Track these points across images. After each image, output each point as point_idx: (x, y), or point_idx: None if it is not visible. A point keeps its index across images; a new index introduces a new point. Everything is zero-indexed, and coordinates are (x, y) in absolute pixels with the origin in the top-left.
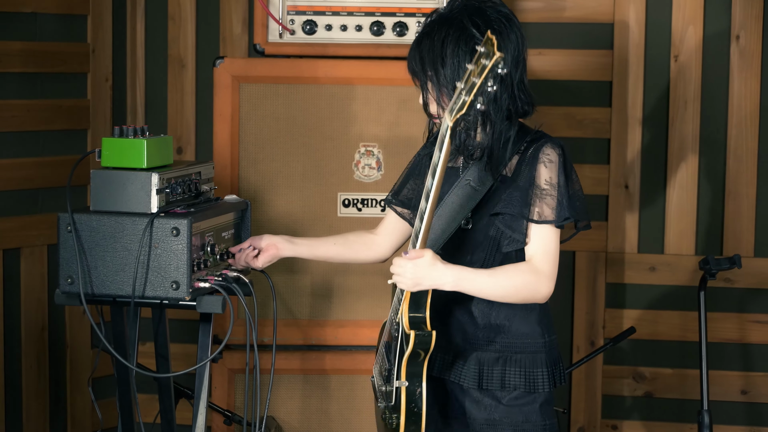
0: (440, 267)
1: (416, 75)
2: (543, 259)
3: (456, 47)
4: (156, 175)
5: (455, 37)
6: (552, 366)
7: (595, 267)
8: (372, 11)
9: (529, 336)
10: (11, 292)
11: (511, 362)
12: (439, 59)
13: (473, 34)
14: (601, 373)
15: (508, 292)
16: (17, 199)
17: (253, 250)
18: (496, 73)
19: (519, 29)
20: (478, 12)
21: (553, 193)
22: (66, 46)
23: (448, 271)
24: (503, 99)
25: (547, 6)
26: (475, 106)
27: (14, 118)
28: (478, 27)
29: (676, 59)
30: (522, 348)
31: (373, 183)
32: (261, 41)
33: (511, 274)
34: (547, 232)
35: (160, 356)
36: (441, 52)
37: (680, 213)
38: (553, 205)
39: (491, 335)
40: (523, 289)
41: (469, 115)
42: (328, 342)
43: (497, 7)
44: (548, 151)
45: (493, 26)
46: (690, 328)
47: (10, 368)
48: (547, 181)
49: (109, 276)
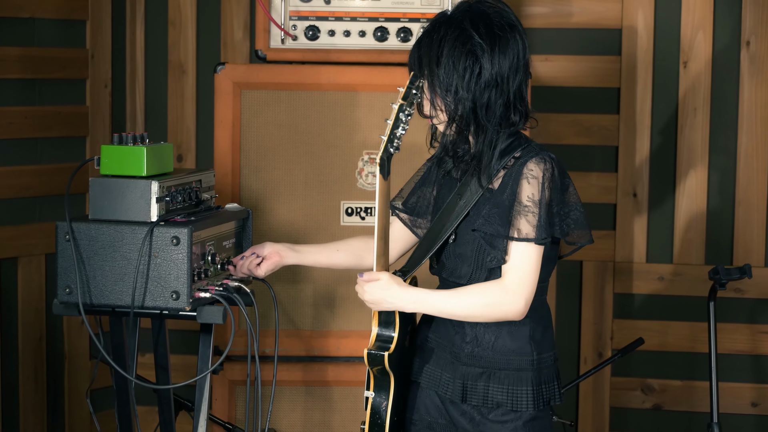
0: (396, 289)
1: (414, 72)
2: (515, 277)
3: (452, 48)
4: (156, 183)
5: (453, 38)
6: (539, 385)
7: (603, 277)
8: (376, 17)
9: (516, 353)
10: (8, 302)
11: (494, 378)
12: (435, 59)
13: (471, 36)
14: (609, 385)
15: (472, 311)
16: (15, 207)
17: (255, 258)
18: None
19: (522, 37)
20: (480, 15)
21: (535, 210)
22: (64, 52)
23: (405, 294)
24: (497, 105)
25: (553, 11)
26: (388, 150)
27: (12, 125)
28: (477, 30)
29: (686, 65)
30: (506, 365)
31: None
32: (263, 47)
33: (474, 293)
34: (525, 249)
35: (160, 367)
36: (437, 52)
37: (689, 222)
38: (534, 223)
39: (476, 350)
40: (488, 308)
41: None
42: (331, 353)
43: (503, 13)
44: (531, 167)
45: (494, 30)
46: (699, 339)
47: (8, 379)
48: (529, 197)
49: (108, 286)
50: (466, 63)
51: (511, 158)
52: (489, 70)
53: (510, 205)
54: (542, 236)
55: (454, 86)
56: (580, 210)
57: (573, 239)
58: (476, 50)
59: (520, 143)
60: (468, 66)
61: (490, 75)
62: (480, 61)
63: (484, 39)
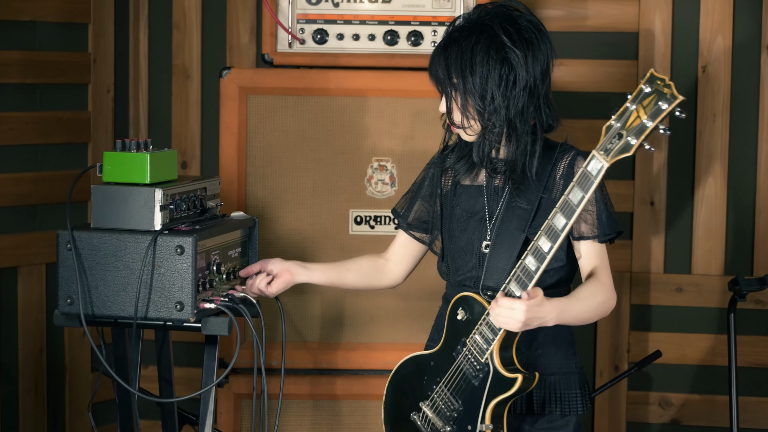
0: (547, 305)
1: (440, 82)
2: (606, 272)
3: (486, 55)
4: (160, 191)
5: (486, 45)
6: (584, 386)
7: (620, 287)
8: (386, 20)
9: (564, 357)
10: (8, 313)
11: (546, 385)
12: (468, 67)
13: (504, 43)
14: (626, 399)
15: (594, 314)
16: (14, 215)
17: (266, 276)
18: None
19: (549, 40)
20: (509, 20)
21: (591, 208)
22: (66, 56)
23: (552, 306)
24: (529, 112)
25: (569, 14)
26: (642, 147)
27: (12, 131)
28: (510, 35)
29: (704, 69)
30: (556, 369)
31: (386, 199)
32: (269, 51)
33: (594, 294)
34: (599, 247)
35: (164, 380)
36: (471, 59)
37: (708, 231)
38: (593, 221)
39: (527, 358)
40: (603, 307)
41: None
42: (339, 366)
43: (527, 16)
44: (582, 164)
45: (524, 35)
46: (719, 352)
47: (7, 392)
48: (595, 196)
49: (110, 296)
50: (501, 71)
51: (553, 156)
52: (524, 77)
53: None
54: (604, 234)
55: (489, 94)
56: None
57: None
58: (510, 57)
59: (551, 145)
60: (504, 74)
61: (525, 82)
62: (515, 68)
63: (517, 46)
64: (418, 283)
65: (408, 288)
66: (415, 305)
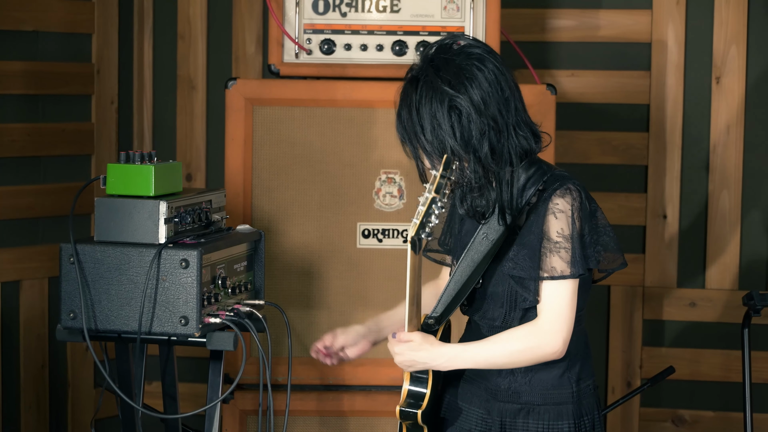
0: (428, 350)
1: (406, 145)
2: (550, 317)
3: (430, 108)
4: (164, 204)
5: (428, 99)
6: (580, 417)
7: (632, 302)
8: (394, 30)
9: (554, 386)
10: (10, 328)
11: (534, 414)
12: (419, 126)
13: (444, 90)
14: (638, 416)
15: (510, 359)
16: (17, 228)
17: (343, 351)
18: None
19: (495, 63)
20: (445, 65)
21: (567, 245)
22: (69, 67)
23: (438, 352)
24: (501, 144)
25: (580, 24)
26: (419, 234)
27: (14, 143)
28: (449, 82)
29: (718, 81)
30: (544, 399)
31: (394, 212)
32: (276, 61)
33: (509, 340)
34: (558, 287)
35: (168, 396)
36: (418, 119)
37: (722, 245)
38: (568, 259)
39: (513, 385)
40: (526, 353)
41: (468, 177)
42: (346, 381)
43: (466, 49)
44: (557, 201)
45: (463, 74)
46: (733, 368)
47: (9, 408)
48: (558, 233)
49: (113, 310)
50: (451, 120)
51: (534, 192)
52: (477, 117)
53: (539, 243)
54: (578, 271)
55: (449, 148)
56: (610, 234)
57: (605, 266)
58: (455, 102)
59: (541, 173)
60: (454, 122)
61: (481, 121)
62: (463, 111)
63: (457, 88)
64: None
65: None
66: None
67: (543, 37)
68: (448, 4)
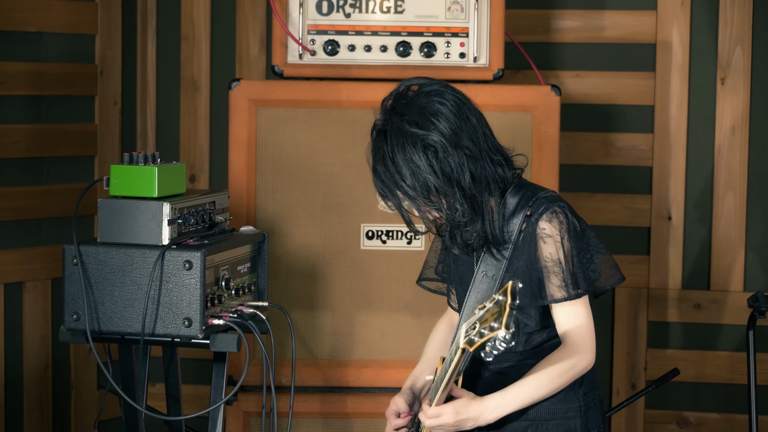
0: (474, 407)
1: (388, 199)
2: (574, 335)
3: (404, 154)
4: (167, 205)
5: (401, 146)
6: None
7: (637, 304)
8: (398, 31)
9: (562, 401)
10: (13, 329)
11: (542, 430)
12: (398, 175)
13: (414, 133)
14: (643, 418)
15: (553, 387)
16: (20, 230)
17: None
18: None
19: (456, 95)
20: (407, 109)
21: (557, 269)
22: (72, 68)
23: (484, 406)
24: (480, 170)
25: (585, 25)
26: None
27: (17, 144)
28: (416, 124)
29: (723, 82)
30: (554, 415)
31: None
32: (279, 62)
33: (547, 371)
34: (571, 308)
35: (171, 398)
36: (395, 168)
37: (727, 246)
38: (559, 283)
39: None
40: (566, 376)
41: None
42: (350, 383)
43: (423, 89)
44: (543, 226)
45: (428, 111)
46: (738, 370)
47: (12, 410)
48: (548, 257)
49: (117, 312)
50: (428, 160)
51: (523, 218)
52: (451, 148)
53: (530, 270)
54: (571, 293)
55: (432, 187)
56: (603, 251)
57: (602, 283)
58: (427, 141)
59: (528, 197)
60: (431, 161)
61: (456, 152)
62: (438, 148)
63: (426, 128)
64: (430, 300)
65: (420, 305)
66: (427, 322)
67: (547, 37)
68: (452, 5)
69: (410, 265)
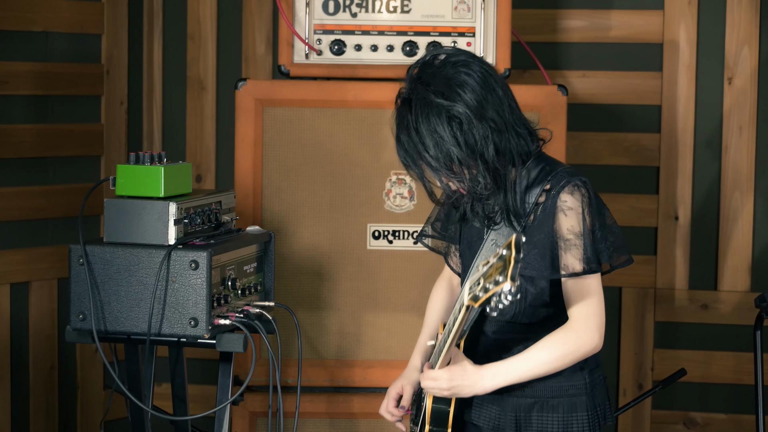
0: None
1: (411, 168)
2: (581, 315)
3: (429, 125)
4: (174, 205)
5: (425, 116)
6: (594, 408)
7: (643, 304)
8: (404, 30)
9: (568, 379)
10: (19, 329)
11: (548, 407)
12: (421, 146)
13: (440, 104)
14: (650, 419)
15: (551, 366)
16: (26, 230)
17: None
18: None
19: (480, 66)
20: (432, 79)
21: (578, 242)
22: (78, 67)
23: (480, 374)
24: (504, 143)
25: (591, 25)
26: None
27: (23, 144)
28: (441, 94)
29: (730, 81)
30: (559, 392)
31: (405, 213)
32: (286, 62)
33: (549, 348)
34: (582, 283)
35: (177, 398)
36: (418, 138)
37: (734, 246)
38: (580, 256)
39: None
40: (567, 357)
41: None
42: (357, 383)
43: (450, 59)
44: (565, 198)
45: (454, 81)
46: (745, 371)
47: (18, 410)
48: (569, 230)
49: (123, 312)
50: (452, 131)
51: (542, 191)
52: (477, 121)
53: (550, 243)
54: (593, 267)
55: (455, 159)
56: (617, 231)
57: (615, 261)
58: (452, 112)
59: (547, 171)
60: (456, 132)
61: (480, 123)
62: (463, 119)
63: (451, 98)
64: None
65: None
66: None
67: (554, 37)
68: (458, 5)
69: (417, 265)
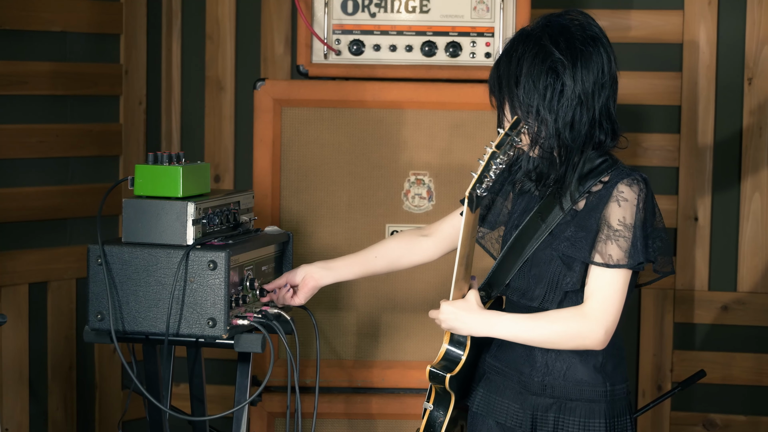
0: (471, 312)
1: (493, 94)
2: (598, 305)
3: (531, 66)
4: (192, 205)
5: (531, 55)
6: (612, 418)
7: (663, 305)
8: (423, 30)
9: (588, 383)
10: (37, 329)
11: (566, 410)
12: (514, 79)
13: (551, 52)
14: (669, 420)
15: (549, 338)
16: (44, 229)
17: (288, 289)
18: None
19: (607, 50)
20: (561, 29)
21: (627, 234)
22: (97, 67)
23: (477, 316)
24: (582, 124)
25: (611, 25)
26: (476, 190)
27: (42, 144)
28: (557, 45)
29: (750, 82)
30: (578, 395)
31: (423, 214)
32: (304, 62)
33: (553, 320)
34: (612, 276)
35: (196, 398)
36: (516, 71)
37: (755, 247)
38: (626, 248)
39: (547, 378)
40: (567, 336)
41: (542, 141)
42: (375, 384)
43: (585, 26)
44: (623, 189)
45: (575, 45)
46: (765, 372)
47: (36, 410)
48: (620, 221)
49: (141, 312)
50: (546, 81)
51: (597, 182)
52: (571, 87)
53: (597, 228)
54: (637, 261)
55: (535, 106)
56: (666, 237)
57: (658, 267)
58: (557, 67)
59: (609, 165)
60: (549, 84)
61: (573, 92)
62: (561, 77)
63: (564, 54)
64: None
65: None
66: None
67: None
68: (477, 5)
69: (435, 265)
